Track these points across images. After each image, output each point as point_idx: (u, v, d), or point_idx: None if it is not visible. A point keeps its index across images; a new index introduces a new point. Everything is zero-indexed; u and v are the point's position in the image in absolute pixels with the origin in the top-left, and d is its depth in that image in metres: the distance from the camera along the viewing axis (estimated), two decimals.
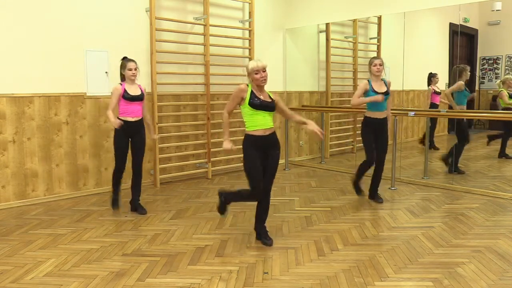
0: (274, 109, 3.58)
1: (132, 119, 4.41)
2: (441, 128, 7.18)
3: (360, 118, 7.46)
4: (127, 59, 4.42)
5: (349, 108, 7.42)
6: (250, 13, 6.65)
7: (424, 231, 3.95)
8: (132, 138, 4.45)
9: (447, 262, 3.27)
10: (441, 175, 6.20)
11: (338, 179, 6.15)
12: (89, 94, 5.29)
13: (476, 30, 6.97)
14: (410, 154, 7.18)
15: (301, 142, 7.68)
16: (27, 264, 3.29)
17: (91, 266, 3.26)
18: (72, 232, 4.02)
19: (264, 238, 3.69)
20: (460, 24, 6.18)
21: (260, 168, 3.51)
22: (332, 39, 7.52)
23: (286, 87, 7.44)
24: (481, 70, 7.07)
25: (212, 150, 6.31)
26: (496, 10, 6.53)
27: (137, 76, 4.44)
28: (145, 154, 4.71)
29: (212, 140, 6.31)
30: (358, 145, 7.77)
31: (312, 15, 7.03)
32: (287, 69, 7.43)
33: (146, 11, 5.63)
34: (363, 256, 3.41)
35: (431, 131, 6.67)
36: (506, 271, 3.10)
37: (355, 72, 7.90)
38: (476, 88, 7.03)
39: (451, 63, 6.82)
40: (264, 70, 3.46)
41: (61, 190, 5.19)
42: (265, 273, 3.12)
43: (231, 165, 6.70)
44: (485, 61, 7.03)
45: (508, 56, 6.84)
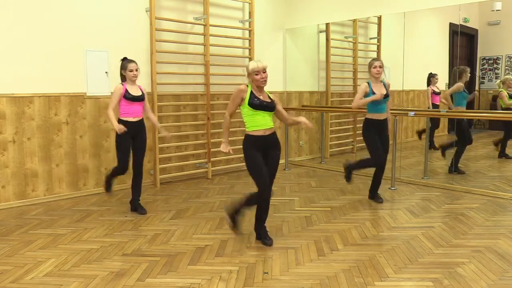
0: (273, 109, 3.59)
1: (134, 119, 4.42)
2: (441, 128, 7.18)
3: (360, 118, 7.49)
4: (128, 60, 4.42)
5: (349, 108, 7.42)
6: (250, 13, 6.66)
7: (424, 231, 3.95)
8: (134, 138, 4.45)
9: (447, 262, 3.27)
10: (441, 175, 6.20)
11: (338, 179, 6.14)
12: (89, 94, 5.29)
13: (476, 30, 6.97)
14: (410, 154, 7.18)
15: (301, 142, 7.68)
16: (27, 264, 3.29)
17: (91, 266, 3.26)
18: (72, 232, 4.02)
19: (264, 238, 3.69)
20: (460, 24, 6.17)
21: (263, 165, 3.50)
22: (332, 39, 7.52)
23: (286, 87, 7.44)
24: (481, 70, 7.07)
25: (212, 150, 6.31)
26: (496, 10, 6.53)
27: (138, 77, 4.45)
28: (145, 154, 4.71)
29: (212, 140, 6.31)
30: (358, 145, 7.78)
31: (312, 15, 7.03)
32: (287, 69, 7.43)
33: (146, 11, 5.64)
34: (363, 256, 3.41)
35: (432, 131, 6.67)
36: (506, 271, 3.10)
37: (355, 72, 7.90)
38: (476, 88, 7.03)
39: (451, 63, 6.82)
40: (264, 71, 3.46)
41: (61, 190, 5.19)
42: (265, 273, 3.12)
43: (231, 165, 6.70)
44: (485, 61, 7.03)
45: (508, 56, 6.84)
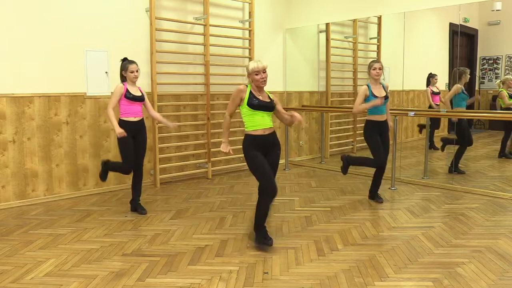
0: (273, 109, 3.58)
1: (135, 119, 4.42)
2: (441, 129, 7.18)
3: (360, 118, 7.49)
4: (128, 61, 4.41)
5: (349, 108, 7.43)
6: (250, 13, 6.65)
7: (424, 231, 3.95)
8: (134, 138, 4.45)
9: (447, 262, 3.27)
10: (441, 175, 6.20)
11: (338, 179, 6.14)
12: (89, 94, 5.29)
13: (476, 30, 6.97)
14: (410, 154, 7.18)
15: (301, 142, 7.68)
16: (27, 264, 3.29)
17: (91, 266, 3.26)
18: (72, 232, 4.02)
19: (264, 238, 3.68)
20: (460, 24, 6.17)
21: (265, 163, 3.48)
22: (332, 39, 7.51)
23: (286, 87, 7.44)
24: (481, 70, 7.07)
25: (212, 150, 6.31)
26: (496, 10, 6.52)
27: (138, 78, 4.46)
28: (145, 154, 4.71)
29: (212, 140, 6.31)
30: (358, 145, 7.79)
31: (312, 15, 7.03)
32: (287, 69, 7.43)
33: (146, 11, 5.63)
34: (363, 256, 3.41)
35: (432, 131, 6.67)
36: (506, 271, 3.10)
37: (355, 72, 7.90)
38: (476, 88, 7.03)
39: (451, 63, 6.82)
40: (264, 71, 3.46)
41: (61, 190, 5.19)
42: (265, 273, 3.12)
43: (231, 165, 6.70)
44: (485, 61, 7.03)
45: (508, 56, 6.84)
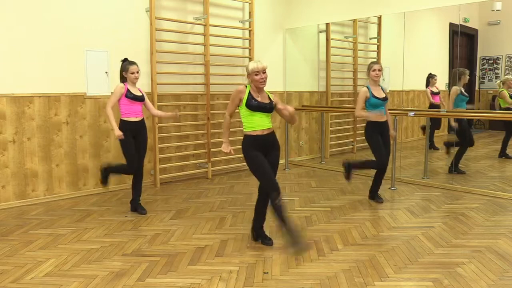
0: (272, 110, 3.56)
1: (136, 119, 4.43)
2: (441, 129, 7.18)
3: (360, 118, 7.48)
4: (129, 62, 4.41)
5: (349, 108, 7.43)
6: (250, 13, 6.66)
7: (424, 231, 3.95)
8: (135, 137, 4.45)
9: (447, 262, 3.27)
10: (441, 175, 6.20)
11: (338, 179, 6.14)
12: (89, 94, 5.29)
13: (476, 30, 6.97)
14: (410, 154, 7.17)
15: (301, 142, 7.68)
16: (27, 264, 3.29)
17: (91, 266, 3.26)
18: (72, 232, 4.02)
19: (264, 238, 3.69)
20: (460, 24, 6.17)
21: (266, 163, 3.44)
22: (332, 39, 7.51)
23: (286, 87, 7.44)
24: (481, 70, 7.07)
25: (212, 150, 6.31)
26: (496, 10, 6.52)
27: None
28: (146, 154, 4.71)
29: (212, 140, 6.31)
30: (358, 145, 7.78)
31: (312, 15, 7.03)
32: (287, 69, 7.43)
33: (146, 11, 5.63)
34: (363, 256, 3.41)
35: (432, 131, 6.67)
36: (506, 271, 3.10)
37: (355, 72, 7.90)
38: (476, 88, 7.03)
39: (451, 63, 6.82)
40: (264, 72, 3.44)
41: (61, 190, 5.19)
42: (265, 273, 3.12)
43: (231, 165, 6.70)
44: (485, 61, 7.03)
45: (508, 56, 6.84)
